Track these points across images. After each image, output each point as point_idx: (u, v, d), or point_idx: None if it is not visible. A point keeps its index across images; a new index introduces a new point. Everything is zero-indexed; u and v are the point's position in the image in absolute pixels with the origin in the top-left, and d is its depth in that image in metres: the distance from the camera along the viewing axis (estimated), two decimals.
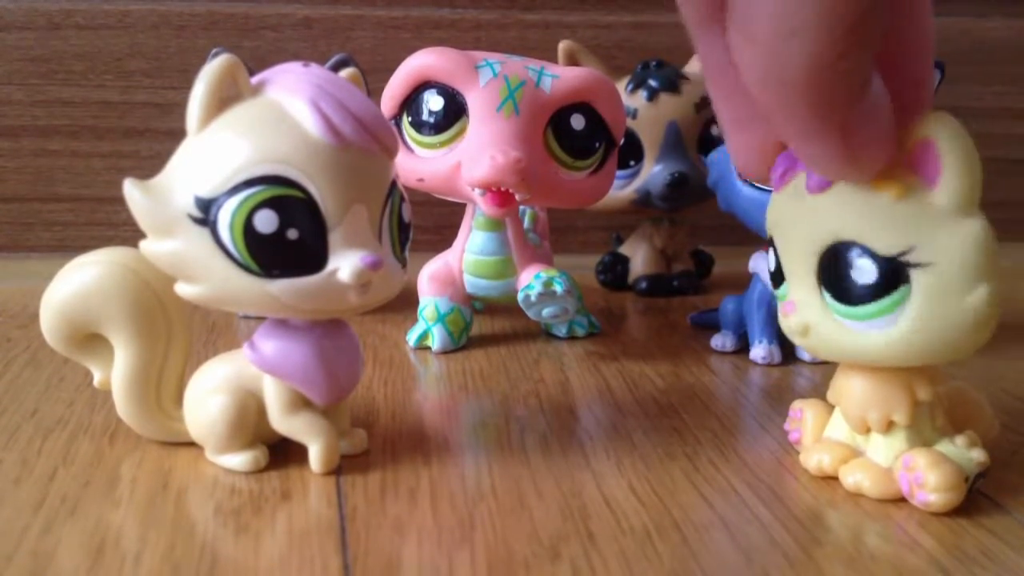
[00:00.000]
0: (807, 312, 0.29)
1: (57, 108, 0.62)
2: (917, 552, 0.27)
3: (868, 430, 0.31)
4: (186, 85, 0.28)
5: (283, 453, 0.32)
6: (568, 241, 0.68)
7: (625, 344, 0.48)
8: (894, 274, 0.27)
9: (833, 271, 0.28)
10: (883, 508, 0.30)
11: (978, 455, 0.29)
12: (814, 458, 0.32)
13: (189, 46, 0.63)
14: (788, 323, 0.30)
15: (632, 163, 0.56)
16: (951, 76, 0.47)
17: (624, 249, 0.62)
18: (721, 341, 0.47)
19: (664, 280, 0.60)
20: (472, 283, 0.47)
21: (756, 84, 0.23)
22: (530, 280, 0.45)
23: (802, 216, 0.28)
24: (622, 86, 0.56)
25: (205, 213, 0.27)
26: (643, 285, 0.60)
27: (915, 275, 0.26)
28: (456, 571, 0.26)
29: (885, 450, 0.30)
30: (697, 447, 0.34)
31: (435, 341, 0.46)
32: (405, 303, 0.47)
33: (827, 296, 0.28)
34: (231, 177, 0.27)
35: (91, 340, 0.32)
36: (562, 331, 0.49)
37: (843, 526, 0.29)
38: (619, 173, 0.54)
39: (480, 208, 0.43)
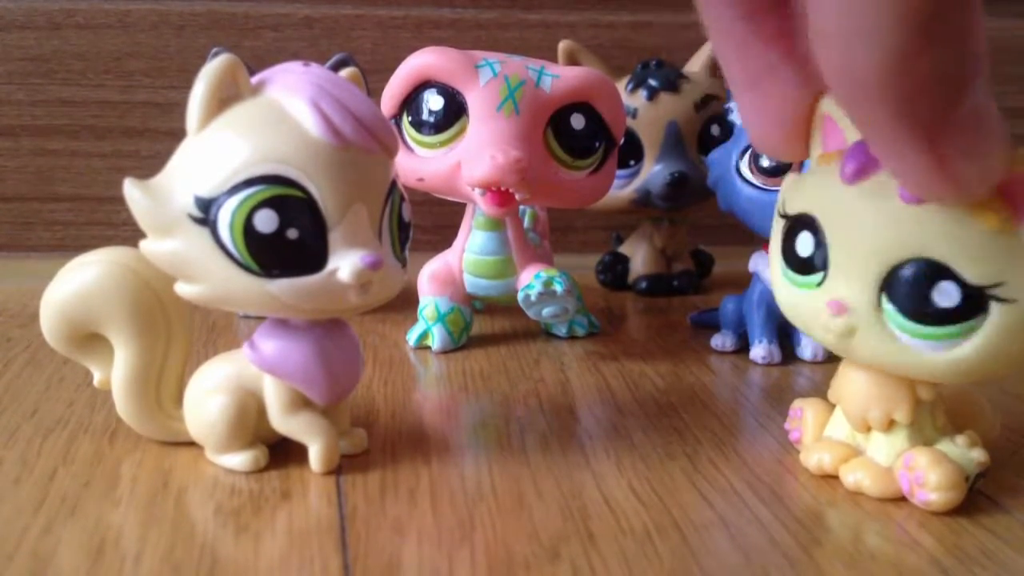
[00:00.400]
0: (858, 317, 0.28)
1: (57, 108, 0.62)
2: (917, 552, 0.27)
3: (869, 429, 0.31)
4: (186, 85, 0.28)
5: (283, 453, 0.32)
6: (568, 241, 0.68)
7: (625, 344, 0.48)
8: (976, 304, 0.26)
9: (908, 286, 0.27)
10: (883, 508, 0.30)
11: (978, 455, 0.29)
12: (814, 457, 0.32)
13: (189, 46, 0.63)
14: (832, 322, 0.28)
15: (632, 163, 0.56)
16: None
17: (624, 249, 0.62)
18: (721, 341, 0.47)
19: (664, 280, 0.60)
20: (472, 283, 0.47)
21: (833, 83, 0.21)
22: (530, 280, 0.45)
23: (882, 220, 0.27)
24: (622, 86, 0.56)
25: (205, 213, 0.27)
26: (643, 285, 0.60)
27: (995, 308, 0.26)
28: (456, 571, 0.26)
29: (886, 449, 0.30)
30: (697, 447, 0.34)
31: (435, 341, 0.46)
32: (405, 303, 0.47)
33: (889, 307, 0.27)
34: (231, 177, 0.27)
35: (91, 340, 0.32)
36: (562, 331, 0.49)
37: (843, 526, 0.29)
38: (619, 173, 0.54)
39: (480, 208, 0.43)
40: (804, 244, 0.29)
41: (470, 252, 0.47)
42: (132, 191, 0.28)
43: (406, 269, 0.31)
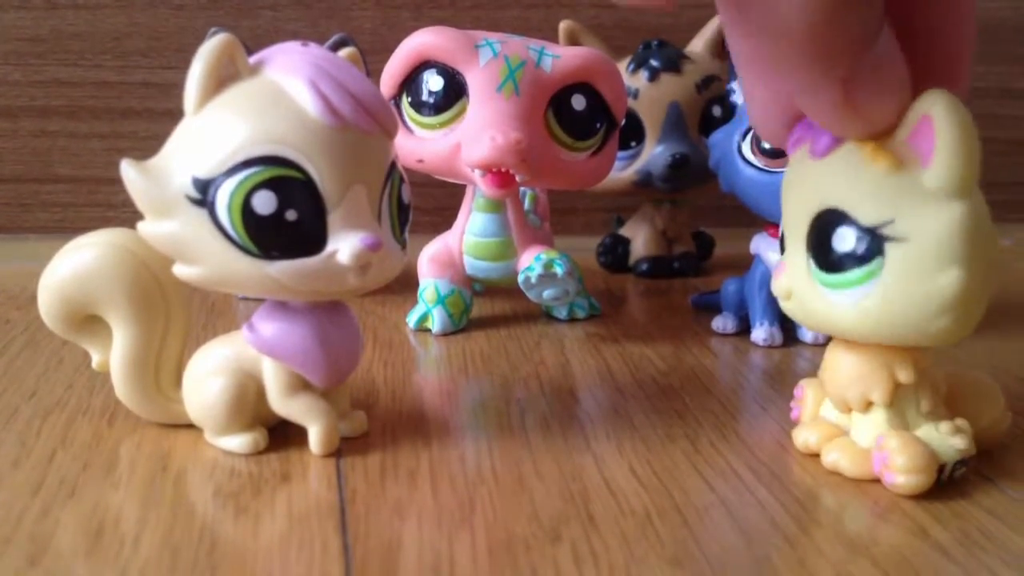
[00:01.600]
0: (793, 277, 0.29)
1: (55, 88, 0.62)
2: (919, 534, 0.27)
3: (850, 410, 0.31)
4: (184, 65, 0.27)
5: (283, 435, 0.32)
6: (569, 223, 0.68)
7: (626, 326, 0.48)
8: (870, 245, 0.27)
9: (818, 237, 0.28)
10: (886, 491, 0.30)
11: (959, 443, 0.29)
12: (802, 435, 0.32)
13: (187, 25, 0.62)
14: (776, 284, 0.30)
15: (633, 144, 0.56)
16: None
17: (625, 231, 0.61)
18: (722, 323, 0.47)
19: (665, 262, 0.60)
20: (472, 265, 0.47)
21: (759, 31, 0.23)
22: (530, 262, 0.44)
23: (803, 181, 0.29)
24: (623, 66, 0.56)
25: (203, 194, 0.27)
26: (644, 267, 0.59)
27: (890, 249, 0.26)
28: (456, 553, 0.26)
29: (865, 430, 0.30)
30: (698, 429, 0.34)
31: (435, 323, 0.46)
32: (405, 285, 0.47)
33: (811, 263, 0.28)
34: (229, 158, 0.27)
35: (89, 322, 0.32)
36: (563, 313, 0.49)
37: (844, 508, 0.29)
38: (620, 154, 0.54)
39: (480, 189, 0.43)
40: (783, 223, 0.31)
41: (470, 234, 0.46)
42: (129, 172, 0.28)
43: (406, 251, 0.31)
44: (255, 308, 0.32)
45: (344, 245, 0.28)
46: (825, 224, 0.28)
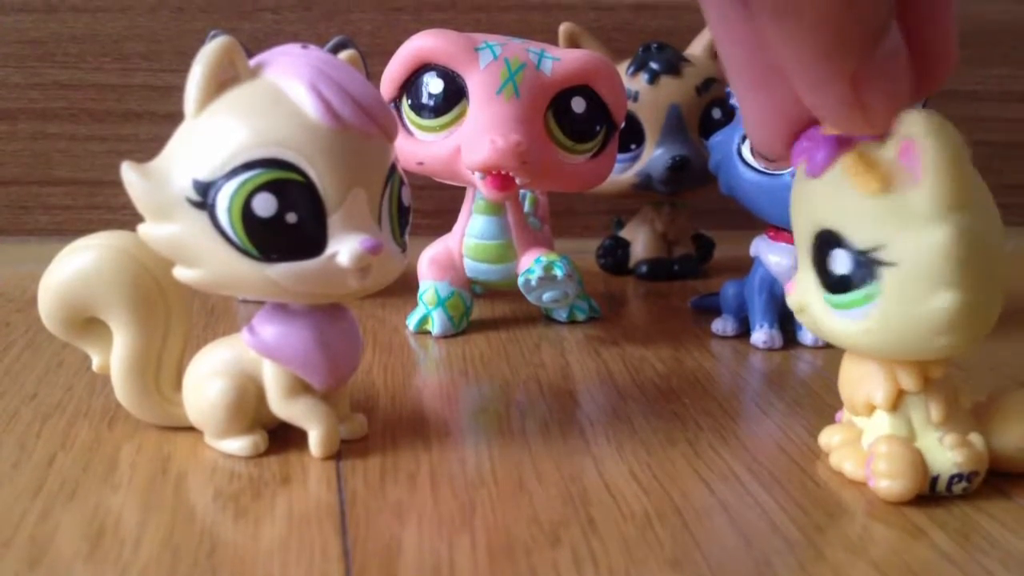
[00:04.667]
0: (804, 293, 0.29)
1: (54, 91, 0.62)
2: (920, 538, 0.27)
3: (859, 413, 0.31)
4: (184, 67, 0.27)
5: (283, 438, 0.32)
6: (569, 225, 0.68)
7: (626, 328, 0.48)
8: (865, 269, 0.27)
9: (819, 257, 0.28)
10: None
11: (958, 457, 0.29)
12: (826, 435, 0.32)
13: (187, 28, 0.62)
14: (790, 299, 0.30)
15: (633, 146, 0.56)
16: None
17: (625, 233, 0.61)
18: (722, 325, 0.47)
19: (665, 264, 0.60)
20: (472, 267, 0.47)
21: (772, 18, 0.23)
22: (530, 264, 0.44)
23: (804, 198, 0.28)
24: (623, 69, 0.56)
25: (203, 196, 0.27)
26: (644, 269, 0.59)
27: (883, 273, 0.26)
28: (456, 555, 0.26)
29: (869, 434, 0.30)
30: (698, 432, 0.34)
31: (435, 325, 0.46)
32: (405, 287, 0.47)
33: (818, 280, 0.28)
34: (229, 160, 0.27)
35: (90, 324, 0.32)
36: (562, 315, 0.49)
37: (845, 511, 0.29)
38: (620, 157, 0.54)
39: (480, 192, 0.43)
40: None
41: (470, 236, 0.46)
42: (130, 175, 0.28)
43: (406, 253, 0.31)
44: (255, 311, 0.32)
45: (344, 248, 0.28)
46: (824, 245, 0.28)
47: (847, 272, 0.27)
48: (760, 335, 0.45)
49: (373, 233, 0.28)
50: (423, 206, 0.60)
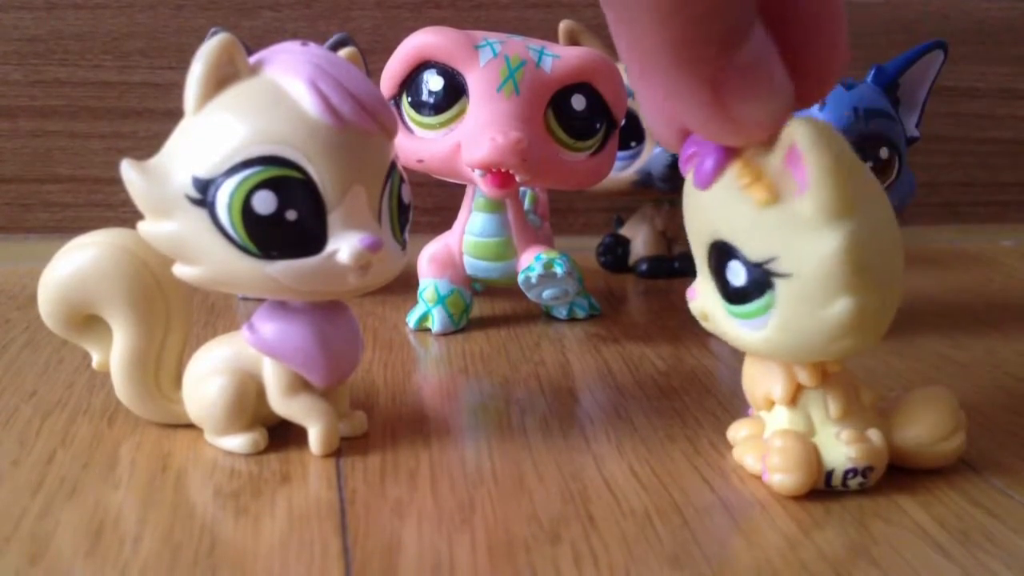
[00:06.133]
0: (705, 300, 0.29)
1: (55, 88, 0.62)
2: (920, 535, 0.27)
3: (760, 408, 0.31)
4: (184, 65, 0.27)
5: (283, 435, 0.32)
6: (569, 223, 0.68)
7: (626, 326, 0.48)
8: (759, 280, 0.26)
9: (716, 268, 0.28)
10: (885, 492, 0.30)
11: (853, 452, 0.29)
12: (733, 430, 0.33)
13: (187, 25, 0.62)
14: (691, 307, 0.30)
15: (633, 144, 0.56)
16: (953, 56, 0.46)
17: (625, 231, 0.61)
18: None
19: (665, 262, 0.60)
20: (472, 265, 0.47)
21: (616, 28, 0.22)
22: (530, 262, 0.44)
23: (696, 208, 0.28)
24: (623, 66, 0.55)
25: (203, 194, 0.27)
26: (644, 267, 0.59)
27: (778, 283, 0.26)
28: (456, 553, 0.26)
29: (768, 428, 0.31)
30: (698, 429, 0.34)
31: (435, 323, 0.46)
32: (405, 285, 0.47)
33: (716, 290, 0.28)
34: (229, 158, 0.27)
35: (89, 322, 0.32)
36: (563, 313, 0.49)
37: (845, 509, 0.29)
38: (620, 154, 0.54)
39: (480, 189, 0.43)
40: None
41: (470, 234, 0.46)
42: (129, 172, 0.28)
43: (406, 251, 0.31)
44: (255, 308, 0.32)
45: (344, 245, 0.28)
46: (719, 255, 0.28)
47: (743, 284, 0.27)
48: None
49: (373, 231, 0.28)
50: (423, 203, 0.60)
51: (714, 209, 0.27)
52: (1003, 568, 0.25)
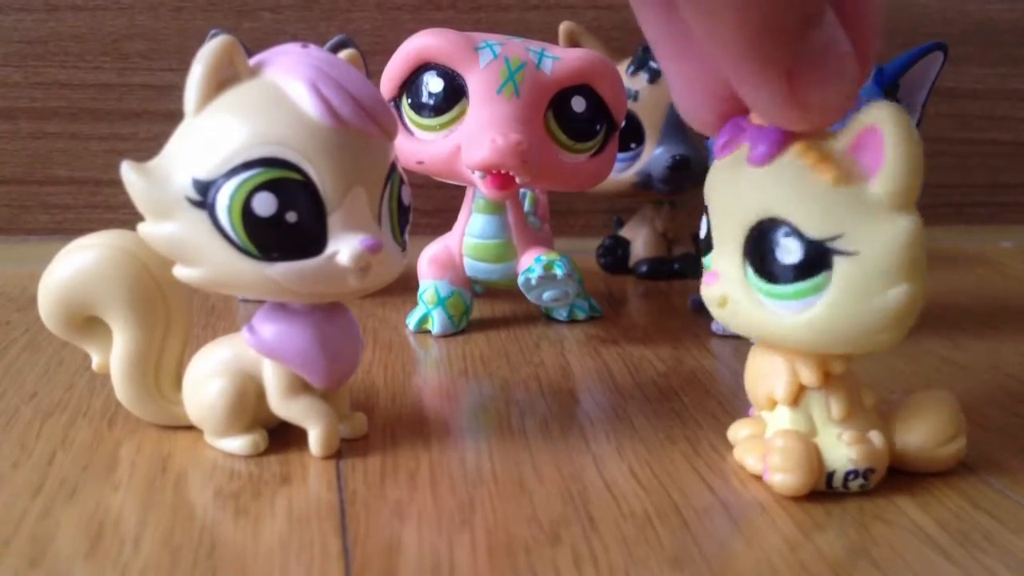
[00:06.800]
0: (728, 285, 0.29)
1: (54, 90, 0.62)
2: (920, 536, 0.27)
3: (762, 407, 0.31)
4: (184, 67, 0.27)
5: (283, 437, 0.32)
6: (569, 224, 0.68)
7: (626, 327, 0.48)
8: (818, 258, 0.26)
9: (759, 247, 0.27)
10: (885, 493, 0.30)
11: (853, 453, 0.29)
12: (734, 429, 0.33)
13: (187, 27, 0.62)
14: (708, 292, 0.30)
15: (633, 146, 0.56)
16: (953, 57, 0.46)
17: (625, 232, 0.61)
18: (722, 325, 0.47)
19: (665, 263, 0.60)
20: (472, 266, 0.47)
21: (691, 13, 0.22)
22: (530, 263, 0.44)
23: (739, 187, 0.28)
24: (623, 68, 0.55)
25: (203, 196, 0.27)
26: (644, 268, 0.59)
27: (838, 262, 0.26)
28: (456, 554, 0.26)
29: (769, 428, 0.31)
30: (698, 430, 0.34)
31: (435, 325, 0.46)
32: (405, 287, 0.47)
33: (749, 271, 0.28)
34: (229, 159, 0.27)
35: (89, 323, 0.32)
36: (563, 315, 0.49)
37: (845, 510, 0.29)
38: (620, 156, 0.54)
39: (480, 191, 0.43)
40: (704, 227, 0.30)
41: (470, 236, 0.46)
42: (129, 174, 0.28)
43: (406, 253, 0.31)
44: (255, 310, 0.32)
45: (344, 247, 0.28)
46: (767, 233, 0.27)
47: (796, 262, 0.27)
48: None
49: (373, 232, 0.28)
50: (423, 205, 0.60)
51: (770, 185, 0.27)
52: (1003, 569, 0.25)
